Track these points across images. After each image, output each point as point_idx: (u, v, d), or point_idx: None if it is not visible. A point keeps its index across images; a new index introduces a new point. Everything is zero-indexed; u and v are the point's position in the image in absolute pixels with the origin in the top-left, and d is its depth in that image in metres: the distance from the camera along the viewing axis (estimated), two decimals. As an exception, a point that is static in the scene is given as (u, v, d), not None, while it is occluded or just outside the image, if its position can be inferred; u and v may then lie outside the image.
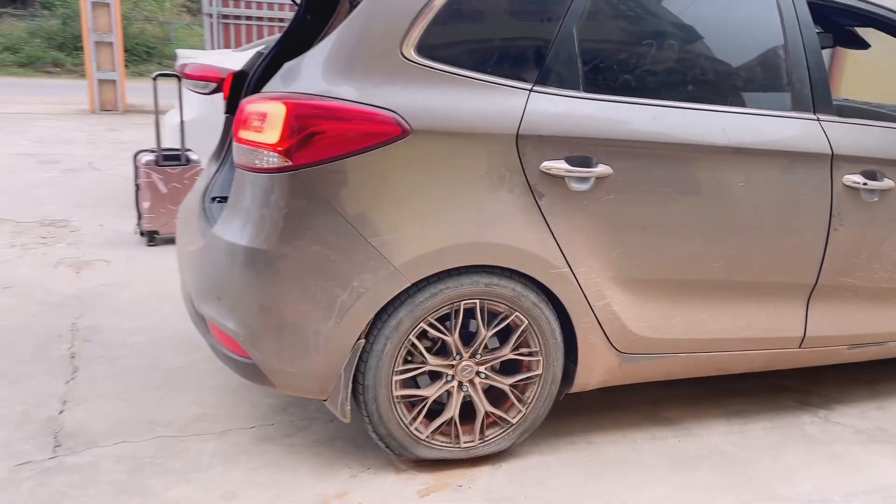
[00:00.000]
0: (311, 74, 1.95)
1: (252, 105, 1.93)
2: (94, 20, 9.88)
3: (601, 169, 2.07)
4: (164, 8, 22.14)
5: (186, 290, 2.29)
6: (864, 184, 2.36)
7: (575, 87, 2.09)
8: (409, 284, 1.97)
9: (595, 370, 2.28)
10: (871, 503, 2.14)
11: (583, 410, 2.56)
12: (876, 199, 2.40)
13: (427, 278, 1.99)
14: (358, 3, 2.00)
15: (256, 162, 1.93)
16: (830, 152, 2.31)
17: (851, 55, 5.55)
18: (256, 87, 2.53)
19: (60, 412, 2.38)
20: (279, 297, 1.95)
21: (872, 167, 2.39)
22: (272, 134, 1.88)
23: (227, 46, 10.00)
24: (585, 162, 2.06)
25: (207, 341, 2.20)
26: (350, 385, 2.04)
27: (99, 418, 2.35)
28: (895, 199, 2.44)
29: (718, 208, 2.23)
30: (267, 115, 1.89)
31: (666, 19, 2.29)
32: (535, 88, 2.04)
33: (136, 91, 11.06)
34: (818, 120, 2.33)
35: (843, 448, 2.45)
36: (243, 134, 1.95)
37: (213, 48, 9.97)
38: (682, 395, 2.73)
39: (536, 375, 2.20)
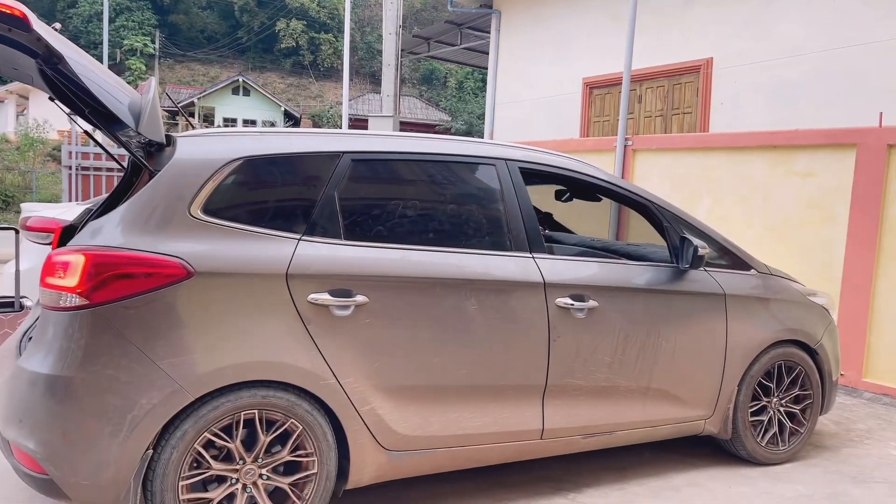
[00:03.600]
0: (111, 230, 2.42)
1: (57, 256, 2.36)
2: (-56, 172, 9.86)
3: (359, 298, 2.64)
4: (28, 159, 21.89)
5: (-5, 419, 2.54)
6: (572, 304, 3.06)
7: (337, 236, 2.69)
8: (194, 399, 2.37)
9: (367, 467, 2.71)
10: (589, 561, 2.64)
11: (367, 508, 2.94)
12: (584, 316, 3.11)
13: (209, 393, 2.40)
14: (154, 174, 2.54)
15: (60, 302, 2.33)
16: (543, 281, 3.02)
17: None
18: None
19: None
20: (75, 416, 2.29)
21: (579, 291, 3.11)
22: (73, 279, 2.30)
23: (86, 197, 10.22)
24: (346, 293, 2.62)
25: (10, 463, 2.44)
26: (139, 492, 2.35)
27: None
28: (600, 316, 3.16)
29: (457, 327, 2.83)
30: (69, 264, 2.32)
31: (409, 184, 3.00)
32: (303, 238, 2.62)
33: (-14, 240, 10.82)
34: (533, 258, 3.05)
35: (581, 522, 2.97)
36: (49, 280, 2.36)
37: (71, 198, 10.16)
38: (458, 489, 3.18)
39: (313, 474, 2.60)
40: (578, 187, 3.78)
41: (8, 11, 2.12)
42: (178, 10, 45.86)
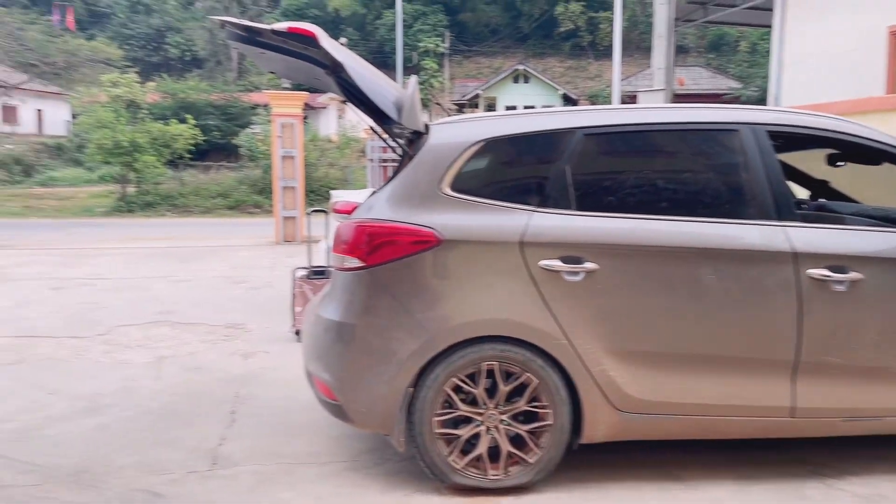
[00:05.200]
0: (379, 206, 2.93)
1: (341, 228, 2.94)
2: (283, 170, 12.14)
3: (589, 265, 2.80)
4: (345, 155, 25.55)
5: (304, 357, 3.26)
6: (829, 276, 2.83)
7: (568, 207, 2.88)
8: (444, 348, 2.78)
9: (599, 425, 2.87)
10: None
11: (603, 465, 3.10)
12: (845, 289, 2.85)
13: (457, 344, 2.79)
14: (413, 158, 2.99)
15: (344, 264, 2.90)
16: (793, 251, 2.84)
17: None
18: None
19: (219, 445, 3.38)
20: (356, 355, 2.85)
21: (839, 262, 2.86)
22: (352, 246, 2.85)
23: (385, 185, 11.74)
24: (576, 260, 2.81)
25: (313, 392, 3.11)
26: (403, 423, 2.84)
27: (243, 450, 3.32)
28: (866, 289, 2.87)
29: (692, 296, 2.83)
30: (350, 234, 2.88)
31: (642, 155, 3.05)
32: (537, 209, 2.86)
33: (314, 225, 13.08)
34: (781, 226, 2.89)
35: (836, 508, 2.77)
36: (336, 247, 2.95)
37: (373, 186, 11.77)
38: (702, 460, 3.17)
39: (548, 425, 2.85)
40: (845, 149, 3.41)
41: (302, 33, 2.71)
42: (466, 9, 49.07)
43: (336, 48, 2.86)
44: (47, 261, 9.69)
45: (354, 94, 3.06)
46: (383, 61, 41.87)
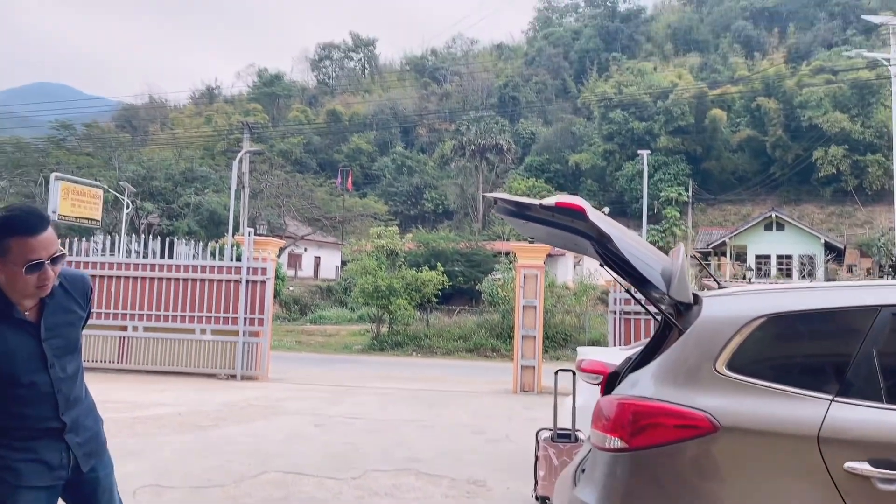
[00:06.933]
0: (646, 382, 2.75)
1: (604, 403, 2.79)
2: (524, 319, 12.38)
3: (910, 472, 2.30)
4: (581, 302, 25.52)
5: (556, 536, 3.05)
6: None
7: (877, 399, 2.44)
8: (724, 555, 2.41)
9: None
10: None
11: None
12: None
13: (740, 552, 2.40)
14: (683, 331, 2.80)
15: (605, 444, 2.73)
16: None
17: None
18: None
19: None
20: (617, 549, 2.58)
21: None
22: (615, 424, 2.68)
23: (627, 339, 11.35)
24: (892, 465, 2.33)
25: (566, 580, 2.86)
26: None
27: None
28: None
29: None
30: (613, 411, 2.72)
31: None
32: (836, 399, 2.47)
33: (552, 374, 12.96)
34: None
35: None
36: (597, 423, 2.79)
37: (614, 340, 11.42)
38: None
39: None
40: None
41: (570, 207, 2.77)
42: (710, 157, 48.27)
43: (602, 220, 2.87)
44: (312, 396, 10.70)
45: (614, 261, 3.02)
46: (622, 210, 42.22)
